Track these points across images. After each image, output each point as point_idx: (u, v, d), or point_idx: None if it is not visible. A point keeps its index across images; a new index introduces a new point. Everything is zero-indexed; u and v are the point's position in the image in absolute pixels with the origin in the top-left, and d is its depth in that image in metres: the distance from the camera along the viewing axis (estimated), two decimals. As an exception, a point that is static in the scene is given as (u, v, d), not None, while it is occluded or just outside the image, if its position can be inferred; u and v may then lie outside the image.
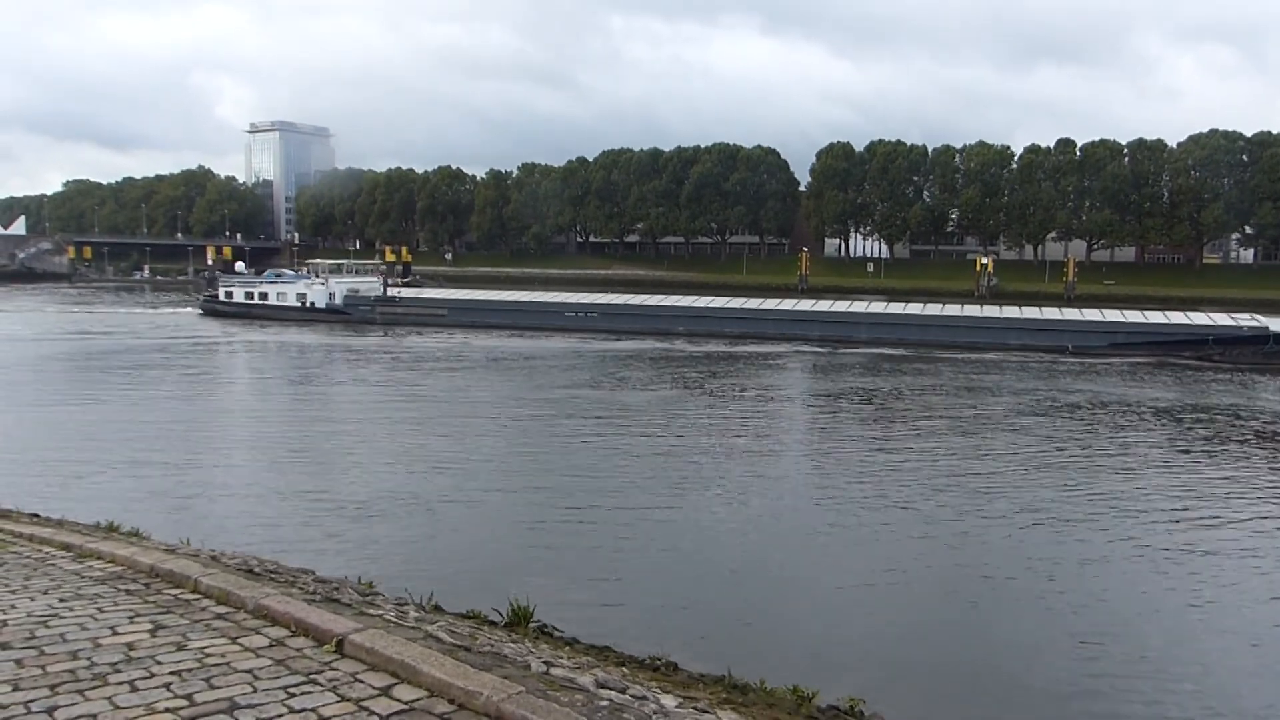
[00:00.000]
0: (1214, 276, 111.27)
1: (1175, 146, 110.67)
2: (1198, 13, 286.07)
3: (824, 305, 64.54)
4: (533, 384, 38.99)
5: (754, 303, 66.47)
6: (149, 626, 6.48)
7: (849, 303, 66.71)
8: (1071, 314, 59.12)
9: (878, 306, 63.76)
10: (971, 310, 62.51)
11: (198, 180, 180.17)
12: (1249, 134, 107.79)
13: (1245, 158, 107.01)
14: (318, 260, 79.53)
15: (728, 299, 69.32)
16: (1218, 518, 19.27)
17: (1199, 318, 56.36)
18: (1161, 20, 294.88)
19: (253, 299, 73.08)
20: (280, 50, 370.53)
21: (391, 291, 73.25)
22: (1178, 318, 56.48)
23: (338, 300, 71.00)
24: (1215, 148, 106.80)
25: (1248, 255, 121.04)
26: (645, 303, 67.20)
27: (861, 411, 33.42)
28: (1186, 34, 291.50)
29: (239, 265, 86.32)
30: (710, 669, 10.07)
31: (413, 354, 50.54)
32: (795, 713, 9.00)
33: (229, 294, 74.55)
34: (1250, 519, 19.15)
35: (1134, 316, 57.50)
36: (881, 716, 9.85)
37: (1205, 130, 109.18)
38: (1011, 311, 60.42)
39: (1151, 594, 14.73)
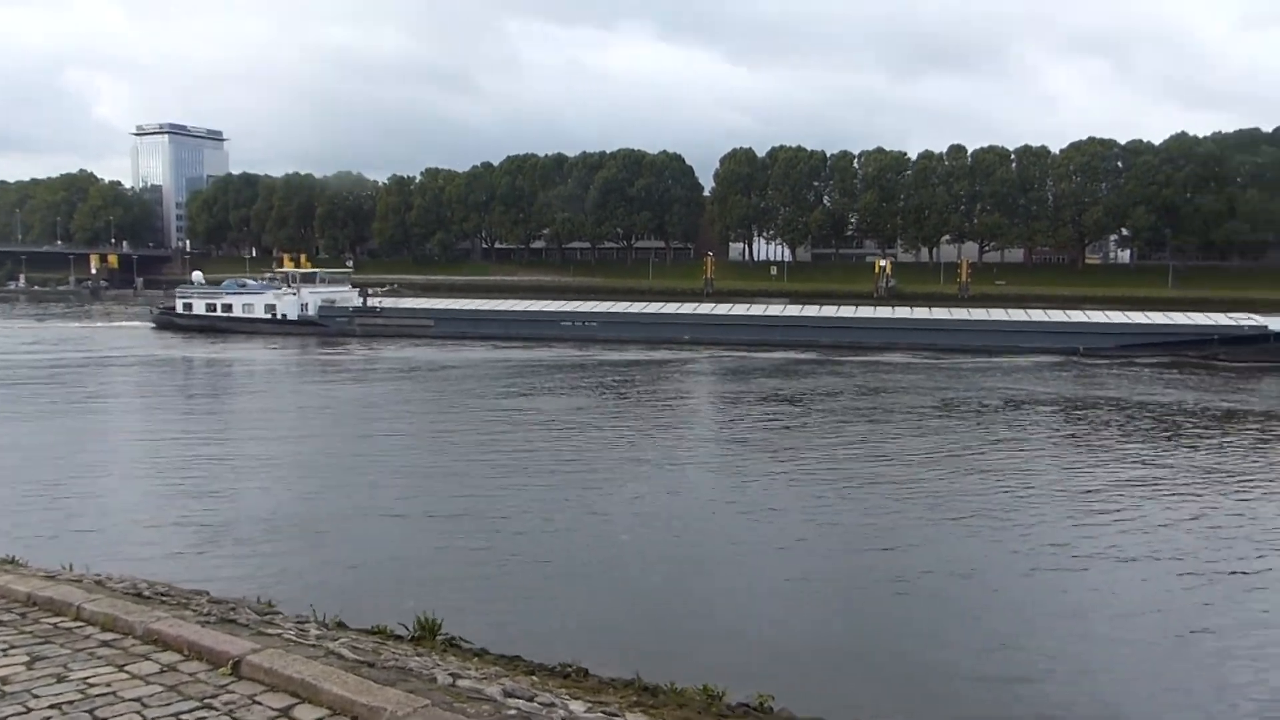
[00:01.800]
0: (1096, 276, 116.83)
1: (1058, 153, 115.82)
2: (1072, 25, 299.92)
3: (830, 311, 63.41)
4: (482, 396, 37.54)
5: (758, 309, 64.94)
6: (25, 659, 6.13)
7: (854, 307, 65.65)
8: (1079, 316, 59.07)
9: (884, 311, 62.71)
10: (979, 314, 61.66)
11: (79, 184, 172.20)
12: (1123, 141, 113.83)
13: (1120, 164, 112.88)
14: (288, 268, 73.99)
15: (730, 305, 67.34)
16: (1146, 518, 19.58)
17: (1201, 318, 56.88)
18: (1039, 32, 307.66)
19: (215, 311, 68.38)
20: (161, 48, 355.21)
21: (372, 301, 69.14)
22: (1182, 319, 56.86)
23: (311, 311, 66.92)
24: (1093, 154, 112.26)
25: (1125, 256, 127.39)
26: (647, 310, 65.27)
27: (828, 419, 32.30)
28: (1063, 45, 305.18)
29: (196, 275, 79.53)
30: (622, 673, 10.05)
31: (384, 367, 47.61)
32: (705, 711, 9.06)
33: (188, 305, 69.56)
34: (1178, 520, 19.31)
35: (1139, 318, 57.73)
36: (790, 712, 9.98)
37: (1084, 138, 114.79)
38: (1021, 315, 60.12)
39: (1076, 596, 14.81)
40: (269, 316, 67.30)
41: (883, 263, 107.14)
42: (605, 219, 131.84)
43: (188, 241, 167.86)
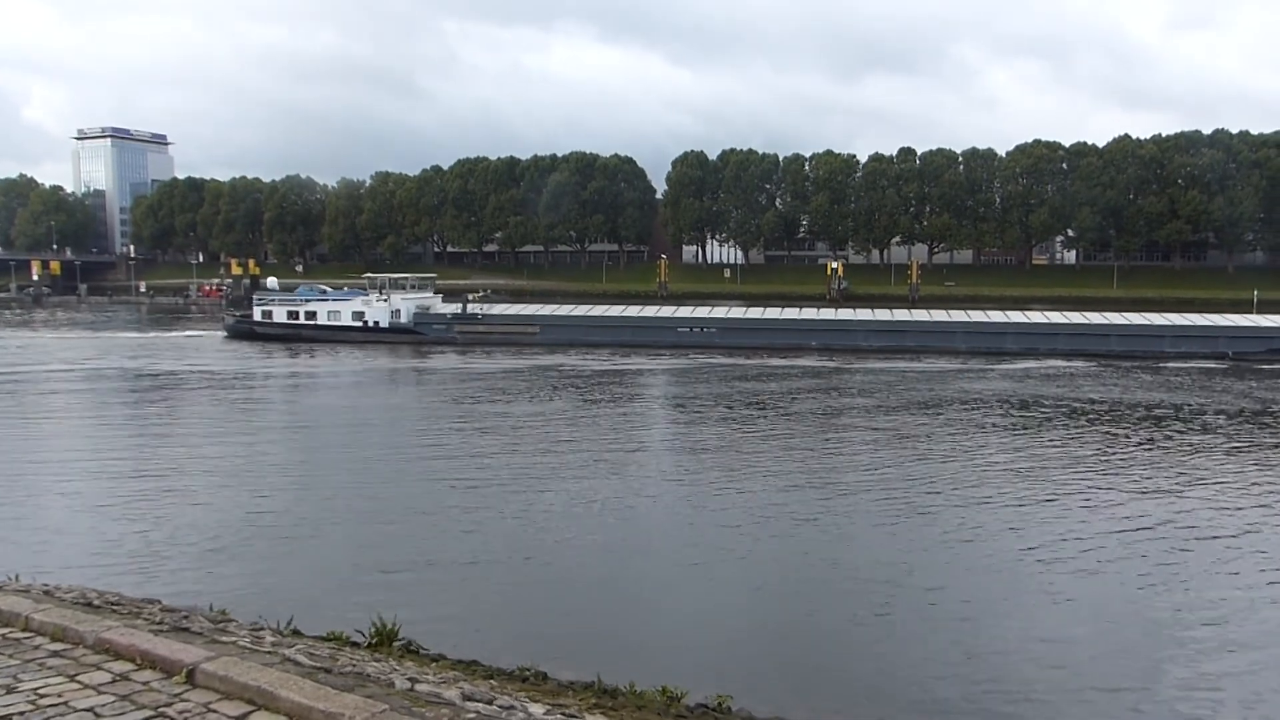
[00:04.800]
0: (1043, 277, 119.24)
1: (1004, 155, 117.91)
2: (1008, 28, 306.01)
3: (959, 316, 60.32)
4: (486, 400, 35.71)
5: (884, 314, 61.60)
6: (-27, 670, 5.99)
7: (985, 312, 62.43)
8: (1222, 320, 56.88)
9: (1018, 316, 60.05)
10: (1115, 318, 58.92)
11: (19, 190, 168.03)
12: (1068, 143, 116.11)
13: (1065, 166, 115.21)
14: (374, 274, 70.04)
15: (853, 310, 63.80)
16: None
17: None
18: (979, 33, 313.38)
19: (298, 318, 64.42)
20: (93, 50, 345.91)
21: (471, 307, 65.22)
22: None
23: (404, 318, 63.24)
24: (1039, 157, 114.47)
25: (1071, 256, 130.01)
26: (767, 315, 61.85)
27: (1005, 432, 29.79)
28: (1002, 48, 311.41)
29: (271, 281, 74.36)
30: (581, 676, 10.09)
31: (517, 379, 43.33)
32: (664, 713, 9.12)
33: (267, 313, 65.23)
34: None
35: None
36: (749, 712, 10.08)
37: (1030, 140, 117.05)
38: (1159, 318, 57.78)
39: (1042, 605, 14.73)
40: (359, 324, 63.50)
41: (834, 265, 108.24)
42: (558, 222, 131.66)
43: (132, 247, 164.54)
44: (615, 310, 65.70)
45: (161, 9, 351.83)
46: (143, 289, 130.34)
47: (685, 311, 63.88)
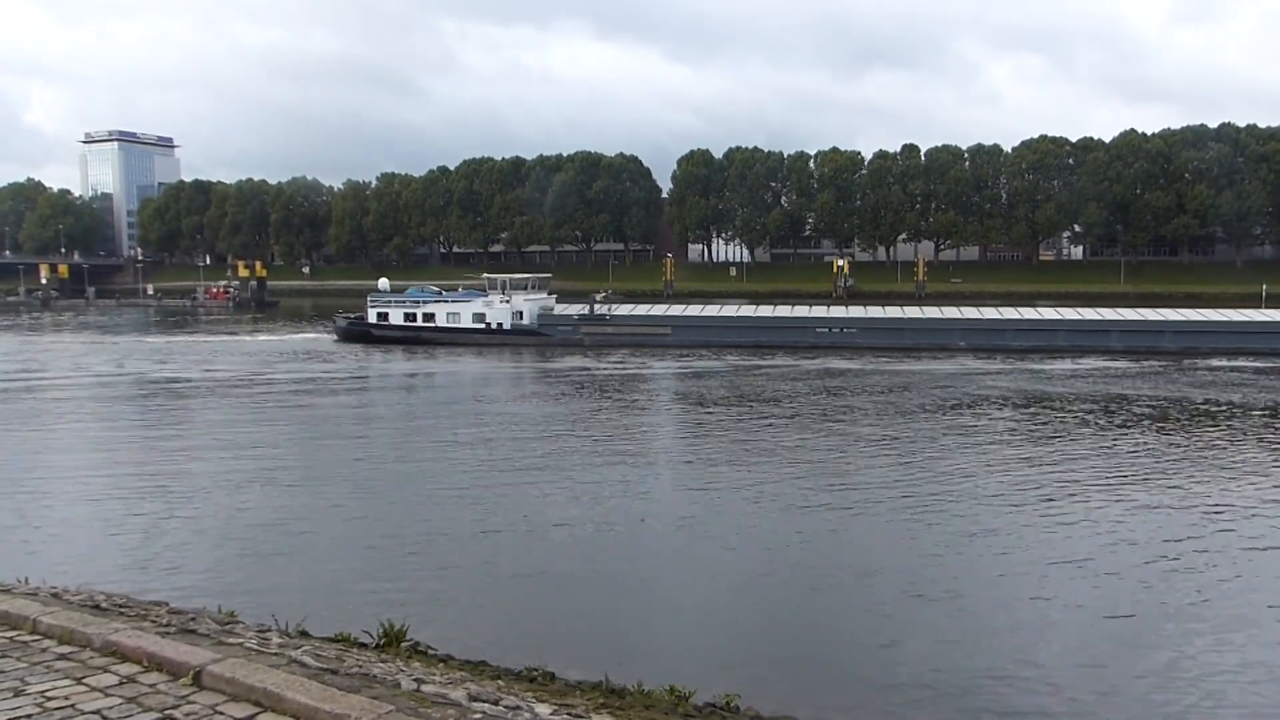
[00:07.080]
0: (1050, 272, 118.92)
1: (1010, 151, 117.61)
2: (1006, 23, 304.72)
3: (1124, 314, 57.36)
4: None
5: (1031, 312, 58.72)
6: (-19, 673, 6.00)
7: (1137, 310, 59.04)
8: None
9: (1172, 314, 56.88)
10: (1243, 315, 55.59)
11: (27, 194, 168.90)
12: (1073, 139, 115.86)
13: (1071, 161, 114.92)
14: (494, 274, 68.03)
15: (998, 308, 61.19)
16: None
17: None
18: (978, 28, 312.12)
19: (415, 320, 62.65)
20: (91, 52, 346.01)
21: (599, 309, 63.04)
22: None
23: (527, 320, 61.19)
24: (1045, 152, 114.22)
25: (1078, 252, 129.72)
26: (907, 315, 59.50)
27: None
28: (1002, 42, 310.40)
29: (382, 282, 72.37)
30: (589, 676, 10.08)
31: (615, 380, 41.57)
32: (672, 712, 9.11)
33: (382, 315, 63.27)
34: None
35: None
36: (756, 711, 10.06)
37: (1035, 135, 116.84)
38: None
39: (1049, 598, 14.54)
40: (480, 326, 61.60)
41: (840, 262, 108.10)
42: (564, 221, 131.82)
43: (139, 250, 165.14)
44: (748, 310, 64.13)
45: (159, 10, 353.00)
46: (150, 292, 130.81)
47: (821, 311, 62.49)
